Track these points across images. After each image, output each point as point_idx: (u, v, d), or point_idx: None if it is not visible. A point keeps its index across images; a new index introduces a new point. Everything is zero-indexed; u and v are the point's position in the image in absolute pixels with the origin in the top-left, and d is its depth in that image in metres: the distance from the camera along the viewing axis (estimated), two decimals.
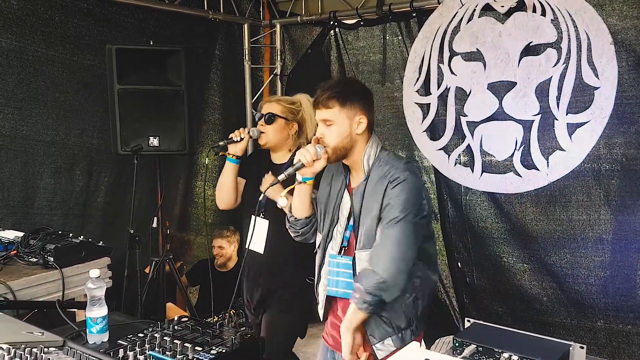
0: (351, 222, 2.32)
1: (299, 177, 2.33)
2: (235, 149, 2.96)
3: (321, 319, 2.51)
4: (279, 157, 2.99)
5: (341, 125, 2.26)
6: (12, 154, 3.63)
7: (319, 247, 2.46)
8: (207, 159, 3.38)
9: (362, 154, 2.31)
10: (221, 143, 3.01)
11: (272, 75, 5.07)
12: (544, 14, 3.56)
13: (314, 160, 2.26)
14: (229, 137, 2.96)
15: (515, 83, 3.68)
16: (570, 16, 3.47)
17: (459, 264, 4.17)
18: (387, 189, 2.21)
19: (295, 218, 2.48)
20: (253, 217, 2.86)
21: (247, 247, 2.58)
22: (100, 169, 4.13)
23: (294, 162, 2.29)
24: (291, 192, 2.42)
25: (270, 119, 2.92)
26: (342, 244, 2.35)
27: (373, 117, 2.35)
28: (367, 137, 2.33)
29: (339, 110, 2.26)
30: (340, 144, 2.27)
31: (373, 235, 2.23)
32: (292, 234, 2.56)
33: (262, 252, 2.94)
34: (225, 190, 3.05)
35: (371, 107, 2.35)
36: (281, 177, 2.30)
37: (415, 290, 2.28)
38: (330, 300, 2.45)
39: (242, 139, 2.94)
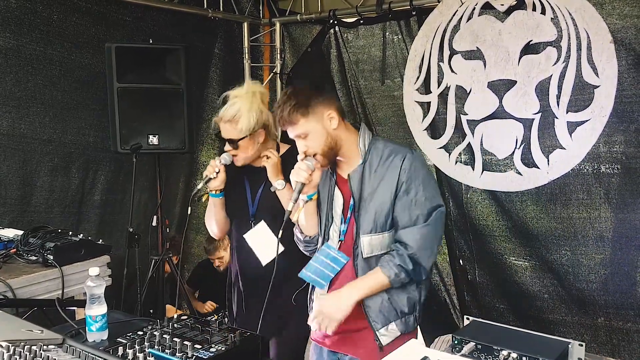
0: (348, 214, 2.29)
1: (303, 197, 2.28)
2: (215, 184, 2.73)
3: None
4: (257, 163, 2.80)
5: (316, 132, 2.23)
6: (9, 152, 3.63)
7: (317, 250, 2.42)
8: (189, 208, 3.03)
9: (354, 142, 2.28)
10: (199, 186, 2.78)
11: (272, 73, 5.06)
12: (543, 12, 3.55)
13: (310, 175, 2.23)
14: (204, 176, 2.73)
15: (516, 81, 3.68)
16: (570, 15, 3.47)
17: (461, 261, 4.17)
18: (402, 171, 2.19)
19: (310, 237, 2.45)
20: (252, 228, 2.77)
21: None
22: (97, 167, 4.13)
23: (293, 186, 2.26)
24: None
25: (234, 143, 2.70)
26: (339, 238, 2.32)
27: (339, 103, 2.31)
28: (345, 125, 2.29)
29: (305, 122, 2.21)
30: (326, 147, 2.24)
31: (385, 217, 2.21)
32: (306, 252, 2.51)
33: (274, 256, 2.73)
34: (218, 225, 2.87)
35: (333, 95, 2.31)
36: (291, 205, 2.25)
37: None
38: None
39: (218, 173, 2.71)
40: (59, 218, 3.88)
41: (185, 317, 1.99)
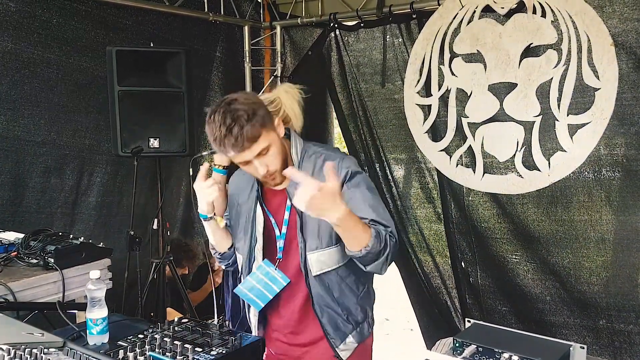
0: (283, 230, 2.11)
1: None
2: (221, 158, 2.44)
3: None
4: None
5: (276, 143, 1.98)
6: (2, 153, 3.62)
7: (241, 271, 2.25)
8: (190, 169, 2.58)
9: (287, 150, 2.08)
10: (204, 153, 2.53)
11: (273, 77, 5.07)
12: (544, 15, 3.55)
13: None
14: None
15: (516, 84, 3.68)
16: (571, 17, 3.47)
17: (463, 264, 4.17)
18: (341, 173, 2.00)
19: (220, 253, 2.33)
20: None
21: None
22: (93, 169, 4.10)
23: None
24: None
25: None
26: (277, 256, 2.13)
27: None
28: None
29: (267, 133, 1.93)
30: (282, 159, 2.02)
31: (329, 230, 2.00)
32: (225, 267, 2.42)
33: None
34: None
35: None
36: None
37: (368, 279, 2.22)
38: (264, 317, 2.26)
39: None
40: (51, 219, 3.86)
41: (186, 320, 1.98)
